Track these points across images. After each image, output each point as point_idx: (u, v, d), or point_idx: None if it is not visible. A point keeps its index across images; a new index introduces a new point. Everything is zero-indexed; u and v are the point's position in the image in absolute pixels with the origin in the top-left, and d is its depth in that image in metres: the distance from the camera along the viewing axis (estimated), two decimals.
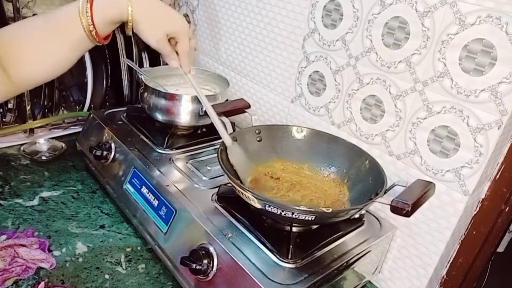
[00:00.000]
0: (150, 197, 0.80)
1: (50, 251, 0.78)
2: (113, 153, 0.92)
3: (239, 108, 0.87)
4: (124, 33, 1.19)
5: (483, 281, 1.15)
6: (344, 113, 0.88)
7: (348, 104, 0.86)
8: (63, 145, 1.10)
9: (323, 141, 0.82)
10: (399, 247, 0.81)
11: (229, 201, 0.74)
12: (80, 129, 1.07)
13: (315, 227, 0.71)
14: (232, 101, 0.91)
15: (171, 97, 0.92)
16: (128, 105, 1.12)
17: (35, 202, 0.90)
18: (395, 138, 0.79)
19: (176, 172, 0.83)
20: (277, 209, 0.60)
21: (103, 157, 0.91)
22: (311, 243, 0.68)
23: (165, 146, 0.91)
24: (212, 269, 0.65)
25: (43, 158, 1.06)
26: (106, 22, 0.60)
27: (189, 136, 0.99)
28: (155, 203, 0.78)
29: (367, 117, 0.83)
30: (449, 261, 0.79)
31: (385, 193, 0.64)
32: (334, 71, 0.88)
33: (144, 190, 0.81)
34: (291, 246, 0.65)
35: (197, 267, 0.64)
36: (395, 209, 0.59)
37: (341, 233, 0.72)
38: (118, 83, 1.19)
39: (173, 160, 0.87)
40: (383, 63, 0.78)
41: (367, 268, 0.77)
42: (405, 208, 0.58)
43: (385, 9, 0.76)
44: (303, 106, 0.97)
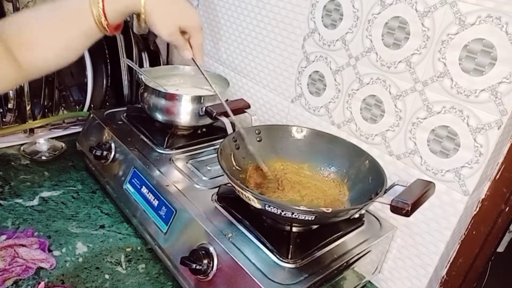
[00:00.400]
0: (150, 197, 0.80)
1: (50, 251, 0.78)
2: (113, 153, 0.92)
3: (239, 108, 0.87)
4: (124, 33, 1.19)
5: (483, 281, 1.15)
6: (344, 113, 0.88)
7: (348, 104, 0.86)
8: (63, 145, 1.10)
9: (323, 141, 0.82)
10: (399, 247, 0.81)
11: (229, 201, 0.74)
12: (80, 129, 1.07)
13: (315, 227, 0.71)
14: (232, 101, 0.91)
15: (171, 97, 0.92)
16: (128, 105, 1.12)
17: (35, 202, 0.90)
18: (395, 138, 0.79)
19: (176, 172, 0.83)
20: (277, 209, 0.60)
21: (103, 157, 0.91)
22: (311, 243, 0.68)
23: (165, 146, 0.91)
24: (212, 269, 0.65)
25: (43, 158, 1.06)
26: (118, 13, 0.59)
27: (189, 136, 0.99)
28: (155, 203, 0.78)
29: (367, 117, 0.83)
30: (449, 261, 0.79)
31: (385, 193, 0.64)
32: (334, 71, 0.88)
33: (144, 190, 0.81)
34: (291, 246, 0.65)
35: (197, 267, 0.64)
36: (395, 209, 0.59)
37: (341, 233, 0.72)
38: (118, 83, 1.19)
39: (173, 160, 0.87)
40: (383, 63, 0.78)
41: (367, 268, 0.77)
42: (405, 208, 0.58)
43: (385, 9, 0.76)
44: (303, 106, 0.97)
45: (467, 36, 0.65)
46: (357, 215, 0.74)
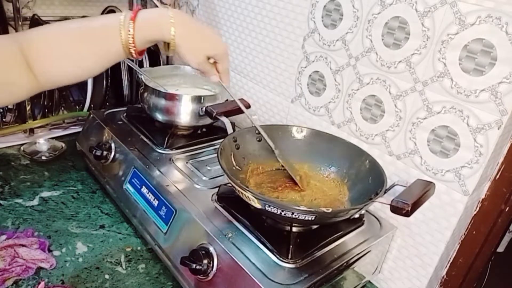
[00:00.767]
0: (150, 197, 0.80)
1: (50, 251, 0.78)
2: (113, 153, 0.92)
3: (239, 108, 0.87)
4: None
5: (483, 281, 1.15)
6: (344, 113, 0.88)
7: (348, 104, 0.86)
8: (63, 145, 1.10)
9: (323, 141, 0.82)
10: (399, 247, 0.81)
11: (229, 201, 0.74)
12: (80, 129, 1.07)
13: (315, 227, 0.71)
14: (232, 101, 0.91)
15: (171, 97, 0.92)
16: (128, 105, 1.12)
17: (35, 202, 0.90)
18: (395, 138, 0.79)
19: (176, 172, 0.83)
20: (277, 209, 0.60)
21: (103, 157, 0.91)
22: (311, 243, 0.68)
23: (165, 146, 0.91)
24: (212, 269, 0.65)
25: (43, 158, 1.06)
26: (146, 41, 0.60)
27: (189, 136, 0.99)
28: (155, 203, 0.78)
29: (367, 117, 0.83)
30: (449, 261, 0.79)
31: (385, 193, 0.64)
32: (334, 71, 0.88)
33: (144, 190, 0.81)
34: (291, 246, 0.65)
35: (197, 267, 0.64)
36: (395, 209, 0.59)
37: (341, 233, 0.72)
38: (118, 83, 1.19)
39: (173, 160, 0.87)
40: (383, 63, 0.78)
41: (367, 268, 0.77)
42: (405, 208, 0.58)
43: (385, 9, 0.76)
44: (303, 106, 0.97)
45: (467, 36, 0.65)
46: (357, 215, 0.74)
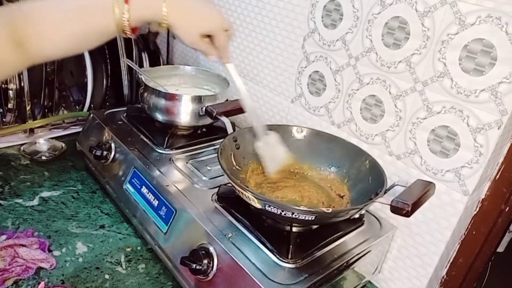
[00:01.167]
0: (150, 197, 0.80)
1: (50, 251, 0.78)
2: (113, 153, 0.92)
3: (239, 108, 0.87)
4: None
5: (483, 281, 1.15)
6: (344, 113, 0.88)
7: (348, 104, 0.86)
8: (63, 145, 1.10)
9: (323, 141, 0.82)
10: (399, 247, 0.81)
11: (229, 201, 0.74)
12: (80, 129, 1.07)
13: (315, 227, 0.71)
14: (232, 101, 0.91)
15: (171, 97, 0.92)
16: (128, 105, 1.12)
17: (35, 202, 0.90)
18: (395, 138, 0.79)
19: (176, 172, 0.83)
20: (277, 209, 0.60)
21: (103, 157, 0.91)
22: (311, 243, 0.68)
23: (165, 146, 0.91)
24: (212, 269, 0.65)
25: (43, 158, 1.06)
26: (139, 20, 0.59)
27: (189, 136, 0.99)
28: (155, 203, 0.78)
29: (367, 117, 0.83)
30: (449, 261, 0.79)
31: (385, 193, 0.64)
32: (334, 71, 0.88)
33: (144, 190, 0.81)
34: (291, 246, 0.65)
35: (197, 267, 0.64)
36: (395, 209, 0.59)
37: (341, 233, 0.72)
38: (118, 83, 1.19)
39: (173, 160, 0.87)
40: (383, 63, 0.78)
41: (367, 268, 0.77)
42: (405, 208, 0.58)
43: (385, 9, 0.76)
44: (303, 106, 0.97)
45: (467, 36, 0.65)
46: (357, 215, 0.74)
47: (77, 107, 1.22)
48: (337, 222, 0.71)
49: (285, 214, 0.60)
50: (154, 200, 0.79)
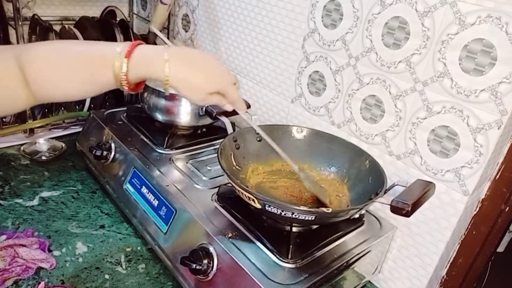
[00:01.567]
0: (150, 197, 0.80)
1: (50, 251, 0.78)
2: (113, 153, 0.92)
3: None
4: (124, 33, 1.19)
5: (483, 281, 1.15)
6: (344, 113, 0.88)
7: (348, 104, 0.86)
8: (63, 145, 1.10)
9: (323, 141, 0.82)
10: (399, 247, 0.81)
11: (229, 201, 0.74)
12: (80, 129, 1.07)
13: (315, 227, 0.71)
14: None
15: (171, 97, 0.92)
16: (128, 105, 1.12)
17: (35, 202, 0.90)
18: (395, 138, 0.79)
19: (176, 172, 0.83)
20: (277, 209, 0.60)
21: (103, 157, 0.91)
22: (311, 243, 0.68)
23: (165, 146, 0.91)
24: (212, 269, 0.65)
25: (43, 158, 1.06)
26: (138, 78, 0.57)
27: (189, 136, 0.99)
28: (155, 203, 0.78)
29: (367, 117, 0.83)
30: (449, 261, 0.79)
31: (385, 193, 0.64)
32: (334, 71, 0.88)
33: (144, 190, 0.81)
34: (291, 246, 0.65)
35: (197, 267, 0.64)
36: (395, 209, 0.59)
37: (341, 233, 0.72)
38: None
39: (173, 160, 0.87)
40: (383, 63, 0.78)
41: (367, 268, 0.77)
42: (405, 208, 0.58)
43: (385, 9, 0.76)
44: (303, 106, 0.97)
45: (467, 36, 0.65)
46: (357, 215, 0.74)
47: (77, 107, 1.22)
48: (337, 222, 0.71)
49: (285, 214, 0.60)
50: (154, 200, 0.79)
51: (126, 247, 0.82)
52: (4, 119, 1.10)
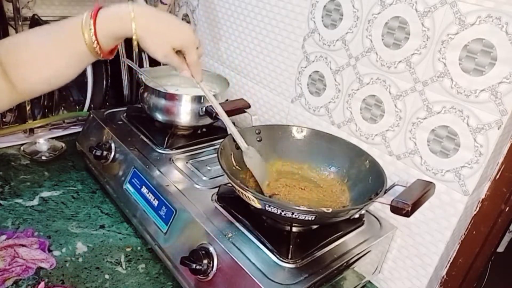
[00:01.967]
0: (150, 197, 0.80)
1: (50, 251, 0.78)
2: (113, 153, 0.92)
3: (239, 108, 0.87)
4: None
5: (483, 281, 1.15)
6: (344, 113, 0.88)
7: (348, 104, 0.86)
8: (63, 145, 1.10)
9: (323, 141, 0.82)
10: (399, 247, 0.81)
11: (229, 201, 0.74)
12: (80, 129, 1.07)
13: (315, 227, 0.71)
14: (232, 101, 0.91)
15: (171, 97, 0.92)
16: (128, 105, 1.12)
17: (35, 202, 0.90)
18: (395, 138, 0.79)
19: (176, 172, 0.83)
20: (277, 209, 0.60)
21: (103, 157, 0.91)
22: (311, 243, 0.68)
23: (165, 146, 0.91)
24: (212, 269, 0.65)
25: (43, 158, 1.06)
26: (110, 37, 0.59)
27: (189, 136, 0.99)
28: (155, 203, 0.78)
29: (367, 117, 0.83)
30: (449, 261, 0.79)
31: (385, 193, 0.64)
32: (334, 71, 0.88)
33: (144, 190, 0.81)
34: (291, 246, 0.65)
35: (197, 267, 0.64)
36: (395, 209, 0.59)
37: (341, 233, 0.72)
38: (118, 83, 1.19)
39: (173, 160, 0.87)
40: (383, 63, 0.78)
41: (367, 268, 0.77)
42: (405, 208, 0.58)
43: (385, 9, 0.76)
44: (303, 106, 0.97)
45: (467, 36, 0.65)
46: (357, 215, 0.74)
47: (77, 107, 1.22)
48: (337, 222, 0.71)
49: (285, 214, 0.60)
50: (154, 200, 0.79)
51: (126, 247, 0.82)
52: (4, 119, 1.10)
